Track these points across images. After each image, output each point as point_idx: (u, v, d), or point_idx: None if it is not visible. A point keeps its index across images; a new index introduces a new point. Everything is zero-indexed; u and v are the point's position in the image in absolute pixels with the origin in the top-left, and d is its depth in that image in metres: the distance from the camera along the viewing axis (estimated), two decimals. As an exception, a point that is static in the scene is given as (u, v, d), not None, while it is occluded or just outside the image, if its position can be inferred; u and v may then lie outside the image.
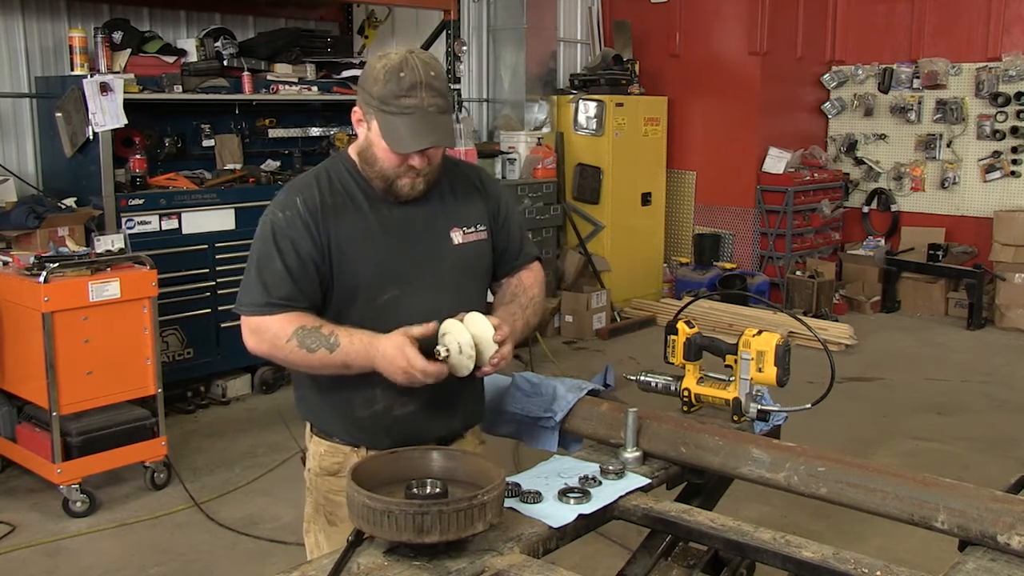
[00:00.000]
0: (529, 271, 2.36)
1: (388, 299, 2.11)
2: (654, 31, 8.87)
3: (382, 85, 2.00)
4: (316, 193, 2.11)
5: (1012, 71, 8.08)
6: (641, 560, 2.08)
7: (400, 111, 1.99)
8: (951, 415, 5.83)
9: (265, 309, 2.06)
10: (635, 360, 6.78)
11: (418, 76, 1.99)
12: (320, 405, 2.24)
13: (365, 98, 2.06)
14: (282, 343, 2.04)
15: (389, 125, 2.01)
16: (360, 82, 2.10)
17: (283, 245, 2.06)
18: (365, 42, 7.10)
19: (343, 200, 2.12)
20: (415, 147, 2.02)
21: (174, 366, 5.38)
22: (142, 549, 3.99)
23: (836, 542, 1.90)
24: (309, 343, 2.01)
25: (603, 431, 2.32)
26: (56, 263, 4.20)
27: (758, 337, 2.31)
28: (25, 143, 5.60)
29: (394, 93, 1.99)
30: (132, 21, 5.69)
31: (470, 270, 2.24)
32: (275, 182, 5.98)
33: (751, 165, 8.54)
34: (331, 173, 2.17)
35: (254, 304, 2.07)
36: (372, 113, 2.04)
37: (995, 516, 1.78)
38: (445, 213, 2.20)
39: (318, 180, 2.15)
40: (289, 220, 2.08)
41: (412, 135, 2.00)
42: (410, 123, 1.99)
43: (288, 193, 2.14)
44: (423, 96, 1.99)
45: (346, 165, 2.18)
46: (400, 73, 1.99)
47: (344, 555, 1.73)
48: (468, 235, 2.21)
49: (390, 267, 2.12)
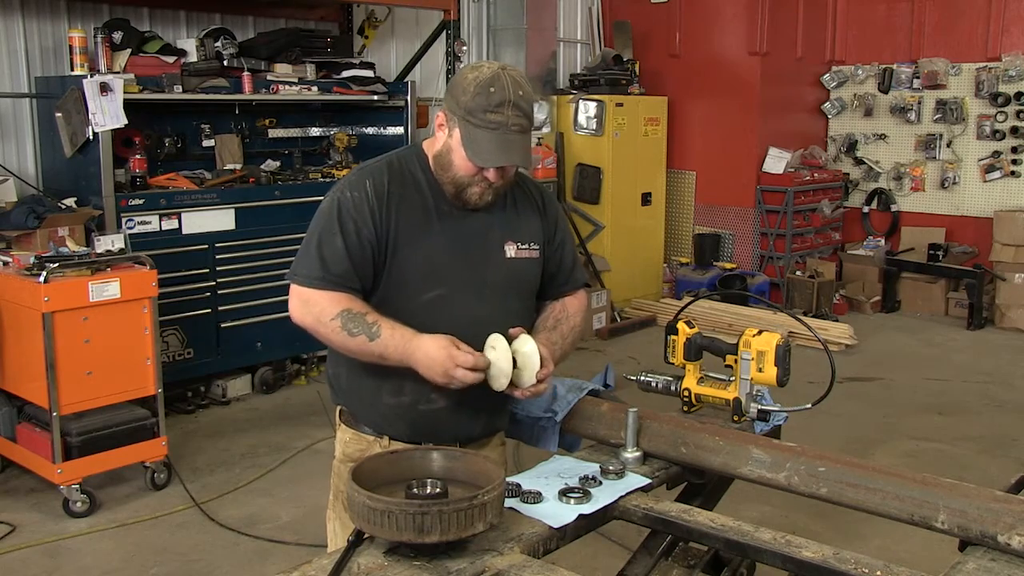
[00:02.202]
0: (575, 298, 2.40)
1: (433, 298, 2.15)
2: (654, 31, 8.87)
3: (471, 97, 2.05)
4: (385, 180, 2.16)
5: (1012, 71, 8.08)
6: (641, 560, 2.08)
7: (484, 125, 2.05)
8: (951, 415, 5.83)
9: (318, 283, 2.10)
10: (635, 360, 6.78)
11: (507, 95, 2.04)
12: (350, 387, 2.27)
13: (451, 105, 2.10)
14: (326, 320, 2.08)
15: (472, 136, 2.06)
16: (448, 88, 2.14)
17: (346, 225, 2.11)
18: (365, 42, 7.10)
19: (410, 193, 2.17)
20: (493, 163, 2.08)
21: (174, 366, 5.38)
22: (142, 549, 3.99)
23: (836, 542, 1.90)
24: (352, 327, 2.06)
25: (603, 431, 2.33)
26: (56, 263, 4.20)
27: (758, 337, 2.31)
28: (25, 143, 5.60)
29: (482, 107, 2.04)
30: (132, 21, 5.69)
31: (517, 285, 2.28)
32: (275, 182, 6.00)
33: (751, 165, 8.54)
34: (403, 164, 2.21)
35: (310, 276, 2.12)
36: (456, 121, 2.09)
37: (995, 516, 1.78)
38: (502, 225, 2.24)
39: (390, 168, 2.20)
40: (356, 201, 2.13)
41: (492, 150, 2.06)
42: (492, 138, 2.05)
43: (359, 175, 2.18)
44: (509, 114, 2.05)
45: (419, 160, 2.22)
46: (490, 88, 2.04)
47: (344, 555, 1.73)
48: (521, 251, 2.26)
49: (440, 266, 2.16)
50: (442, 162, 2.15)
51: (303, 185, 6.12)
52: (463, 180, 2.13)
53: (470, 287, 2.18)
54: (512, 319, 2.16)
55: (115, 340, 4.32)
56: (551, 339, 2.23)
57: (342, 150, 6.70)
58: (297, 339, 6.09)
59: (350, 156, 6.69)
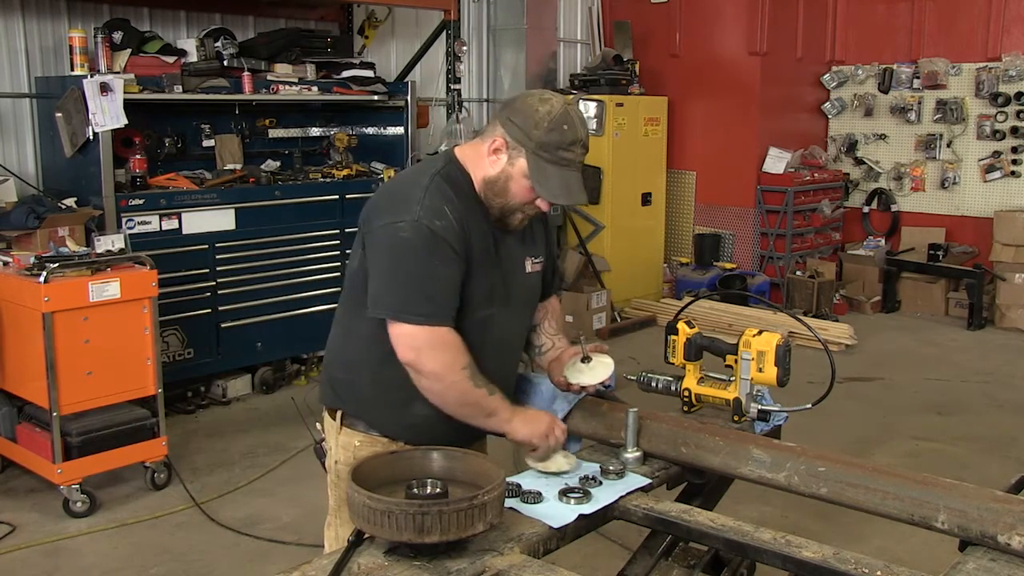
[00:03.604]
0: (556, 298, 2.55)
1: (483, 316, 2.19)
2: (654, 31, 8.87)
3: (544, 132, 2.06)
4: (458, 205, 2.11)
5: (1012, 71, 8.08)
6: (641, 560, 2.08)
7: (556, 162, 2.08)
8: (951, 415, 5.83)
9: (435, 320, 2.07)
10: (635, 360, 6.77)
11: (579, 134, 2.09)
12: (371, 396, 2.24)
13: (518, 136, 2.09)
14: (458, 368, 2.08)
15: (542, 172, 2.08)
16: (511, 115, 2.11)
17: (447, 254, 2.07)
18: (365, 42, 7.10)
19: (474, 215, 2.16)
20: (564, 201, 2.17)
21: (174, 366, 5.38)
22: (142, 549, 3.99)
23: (836, 542, 1.90)
24: (478, 380, 2.10)
25: (603, 431, 2.33)
26: (56, 263, 4.20)
27: (758, 337, 2.31)
28: (25, 143, 5.60)
29: (556, 144, 2.07)
30: (132, 21, 5.69)
31: (533, 297, 2.38)
32: (275, 182, 5.99)
33: (751, 165, 8.54)
34: (455, 184, 2.15)
35: (421, 314, 2.06)
36: (522, 152, 2.09)
37: (995, 516, 1.78)
38: (523, 242, 2.30)
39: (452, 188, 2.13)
40: (445, 229, 2.07)
41: (563, 187, 2.11)
42: (562, 175, 2.09)
43: (432, 199, 2.08)
44: (578, 152, 2.10)
45: (465, 178, 2.18)
46: (564, 126, 2.07)
47: (344, 555, 1.73)
48: (535, 265, 2.34)
49: (493, 287, 2.20)
50: (496, 188, 2.14)
51: (303, 185, 6.12)
52: (514, 207, 2.16)
53: (507, 304, 2.25)
54: (525, 330, 2.33)
55: (115, 340, 4.31)
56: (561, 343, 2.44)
57: (342, 150, 6.70)
58: (297, 339, 6.18)
59: (350, 156, 6.69)
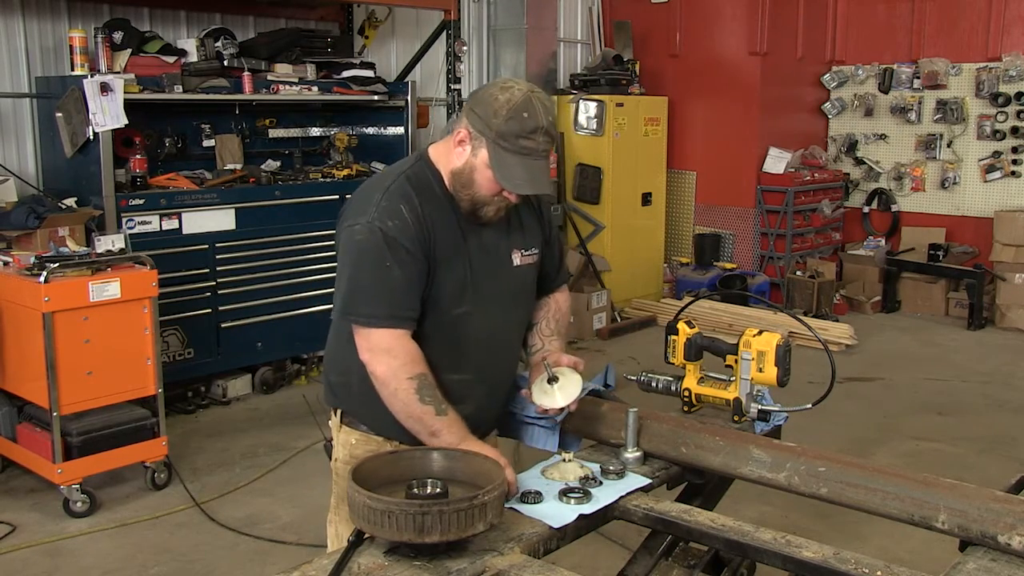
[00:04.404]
0: (563, 293, 2.46)
1: (460, 314, 2.16)
2: (654, 31, 8.87)
3: (503, 120, 2.02)
4: (417, 203, 2.10)
5: (1012, 71, 8.08)
6: (642, 560, 2.08)
7: (516, 151, 2.04)
8: (951, 415, 5.83)
9: (388, 322, 2.06)
10: (635, 360, 6.77)
11: (540, 121, 2.03)
12: (362, 393, 2.22)
13: (479, 125, 2.06)
14: (403, 377, 2.04)
15: (502, 161, 2.04)
16: (474, 105, 2.09)
17: (399, 255, 2.05)
18: (365, 42, 7.10)
19: (439, 211, 2.13)
20: (524, 191, 2.08)
21: (174, 366, 5.38)
22: (142, 549, 3.99)
23: (836, 542, 1.90)
24: (425, 395, 2.04)
25: (603, 431, 2.33)
26: (56, 263, 4.20)
27: (759, 337, 2.31)
28: (25, 143, 5.60)
29: (515, 132, 2.02)
30: (132, 21, 5.68)
31: (524, 291, 2.31)
32: (275, 182, 5.99)
33: (751, 165, 8.54)
34: (421, 181, 2.15)
35: (374, 316, 2.06)
36: (483, 142, 2.06)
37: (995, 516, 1.78)
38: (509, 235, 2.25)
39: (413, 187, 2.12)
40: (401, 229, 2.06)
41: (523, 176, 2.05)
42: (523, 164, 2.04)
43: (389, 201, 2.09)
44: (540, 140, 2.05)
45: (433, 174, 2.17)
46: (524, 113, 2.02)
47: (345, 555, 1.73)
48: (526, 257, 2.28)
49: (468, 283, 2.16)
50: (463, 180, 2.12)
51: (303, 185, 6.12)
52: (483, 199, 2.12)
53: (489, 300, 2.20)
54: (517, 327, 2.24)
55: (115, 340, 4.31)
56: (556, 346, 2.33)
57: (342, 150, 6.70)
58: (297, 339, 6.18)
59: (350, 156, 6.69)
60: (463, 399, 2.17)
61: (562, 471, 2.12)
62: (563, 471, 2.12)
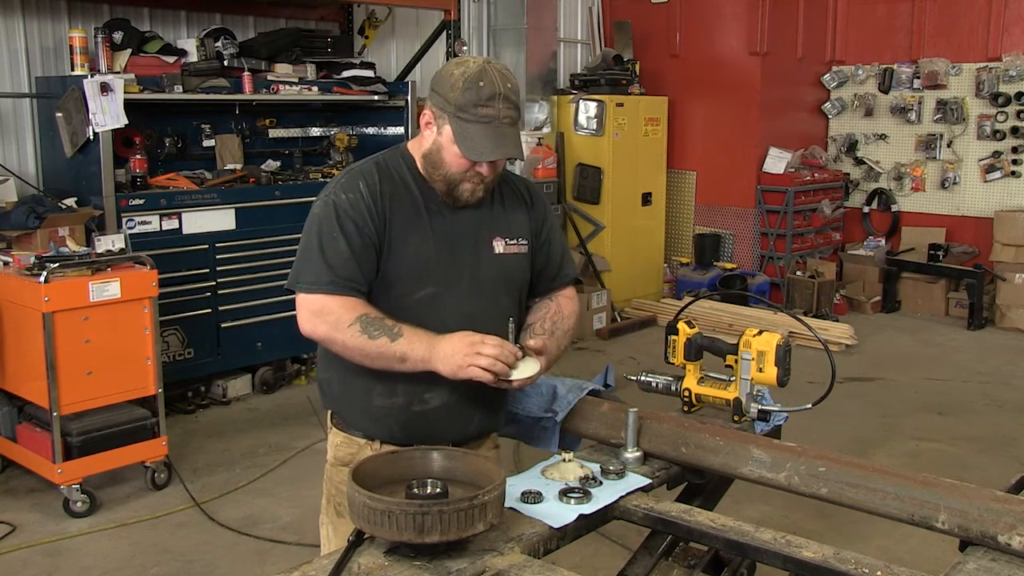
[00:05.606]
0: (568, 298, 2.37)
1: (424, 296, 2.15)
2: (654, 31, 8.87)
3: (460, 93, 2.04)
4: (377, 180, 2.16)
5: (1012, 71, 8.08)
6: (642, 560, 2.08)
7: (476, 120, 2.04)
8: (951, 415, 5.83)
9: (328, 288, 2.08)
10: (635, 360, 6.78)
11: (497, 88, 2.04)
12: (340, 391, 2.27)
13: (439, 103, 2.09)
14: (344, 326, 2.05)
15: (464, 132, 2.05)
16: (433, 86, 2.12)
17: (347, 226, 2.10)
18: (365, 42, 7.10)
19: (400, 192, 2.17)
20: (489, 156, 2.07)
21: (174, 366, 5.38)
22: (142, 549, 3.99)
23: (836, 542, 1.90)
24: (372, 331, 2.04)
25: (604, 431, 2.33)
26: (56, 263, 4.20)
27: (759, 337, 2.31)
28: (25, 143, 5.60)
29: (472, 102, 2.03)
30: (132, 21, 5.69)
31: (507, 281, 2.27)
32: (275, 182, 6.00)
33: (751, 165, 8.54)
34: (390, 164, 2.21)
35: (317, 283, 2.09)
36: (446, 118, 2.08)
37: (996, 516, 1.78)
38: (490, 221, 2.24)
39: (379, 167, 2.20)
40: (353, 202, 2.11)
41: (487, 144, 2.05)
42: (485, 132, 2.05)
43: (350, 177, 2.17)
44: (500, 107, 2.05)
45: (405, 160, 2.22)
46: (479, 83, 2.03)
47: (344, 555, 1.73)
48: (510, 246, 2.25)
49: (431, 264, 2.15)
50: (433, 160, 2.14)
51: (303, 185, 6.12)
52: (455, 177, 2.12)
53: (460, 285, 2.18)
54: (503, 316, 2.16)
55: (115, 340, 4.32)
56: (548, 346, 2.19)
57: (342, 150, 6.70)
58: (297, 339, 6.11)
59: (350, 156, 6.69)
60: (427, 392, 2.15)
61: (562, 471, 2.12)
62: (563, 471, 2.12)
